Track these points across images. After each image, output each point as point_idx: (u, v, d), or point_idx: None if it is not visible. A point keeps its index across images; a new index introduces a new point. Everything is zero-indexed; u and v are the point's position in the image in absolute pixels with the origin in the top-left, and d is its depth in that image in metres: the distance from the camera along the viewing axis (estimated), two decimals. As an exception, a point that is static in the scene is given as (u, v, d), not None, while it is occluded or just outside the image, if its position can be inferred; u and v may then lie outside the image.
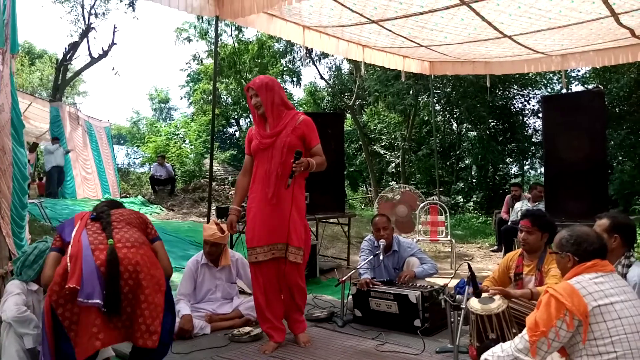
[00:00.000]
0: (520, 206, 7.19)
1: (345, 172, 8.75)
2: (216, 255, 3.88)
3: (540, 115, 14.35)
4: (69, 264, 2.26)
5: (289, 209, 3.22)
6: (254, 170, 3.35)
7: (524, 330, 2.11)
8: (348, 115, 18.35)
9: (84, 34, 14.81)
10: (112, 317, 2.24)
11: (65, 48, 15.03)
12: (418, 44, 6.53)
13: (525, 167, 17.41)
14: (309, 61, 19.02)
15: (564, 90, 11.26)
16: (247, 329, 3.57)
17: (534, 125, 16.33)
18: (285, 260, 3.24)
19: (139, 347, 2.32)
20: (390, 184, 16.00)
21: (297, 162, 3.12)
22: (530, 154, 16.12)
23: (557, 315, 2.01)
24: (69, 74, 16.05)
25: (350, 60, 16.53)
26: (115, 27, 14.77)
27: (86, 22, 14.99)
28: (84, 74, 20.62)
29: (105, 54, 14.66)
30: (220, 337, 3.53)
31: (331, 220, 6.69)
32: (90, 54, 14.82)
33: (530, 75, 14.72)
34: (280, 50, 20.67)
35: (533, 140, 15.92)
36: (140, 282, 2.29)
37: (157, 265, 2.42)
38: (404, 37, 6.24)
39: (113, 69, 22.48)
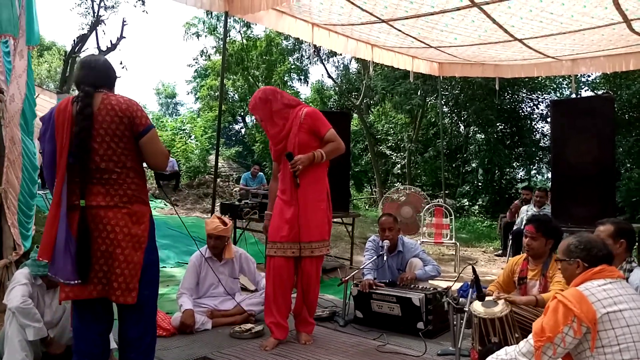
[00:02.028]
0: (526, 210, 7.15)
1: (350, 172, 8.72)
2: (220, 248, 3.89)
3: (548, 119, 14.27)
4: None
5: (308, 208, 3.27)
6: (280, 173, 3.45)
7: (530, 335, 2.09)
8: (355, 115, 18.32)
9: (93, 26, 14.82)
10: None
11: (74, 40, 15.03)
12: (427, 44, 6.50)
13: (532, 172, 17.31)
14: (317, 59, 19.00)
15: (574, 95, 11.19)
16: (249, 325, 3.57)
17: (542, 130, 16.25)
18: (306, 258, 3.30)
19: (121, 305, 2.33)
20: (396, 185, 15.97)
21: (292, 163, 3.20)
22: (537, 158, 16.03)
23: (564, 322, 1.99)
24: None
25: (358, 60, 16.50)
26: (124, 21, 14.77)
27: (95, 15, 15.02)
28: (92, 67, 20.63)
29: (113, 47, 14.64)
30: (222, 333, 3.53)
31: (335, 220, 6.66)
32: (98, 47, 14.81)
33: (539, 79, 14.62)
34: (288, 47, 20.64)
35: (541, 144, 15.83)
36: (119, 243, 2.24)
37: (140, 220, 2.32)
38: (414, 38, 6.21)
39: (121, 63, 22.41)
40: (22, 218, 4.33)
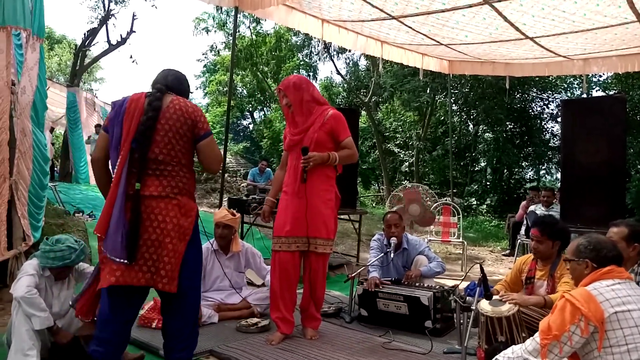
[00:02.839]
0: (534, 210, 7.11)
1: (357, 169, 8.70)
2: (228, 239, 3.90)
3: (559, 119, 14.16)
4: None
5: (311, 204, 3.27)
6: (288, 165, 3.45)
7: (536, 333, 2.09)
8: (363, 112, 18.29)
9: (103, 20, 14.89)
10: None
11: (84, 34, 15.10)
12: (438, 42, 6.47)
13: (542, 172, 17.20)
14: (326, 56, 18.98)
15: (585, 95, 11.08)
16: (255, 320, 3.58)
17: (552, 130, 16.14)
18: (311, 254, 3.31)
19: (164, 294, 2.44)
20: (403, 183, 15.93)
21: (304, 158, 3.21)
22: (546, 158, 15.92)
23: (571, 320, 1.99)
24: (87, 60, 16.18)
25: (367, 56, 16.45)
26: (134, 15, 14.87)
27: (106, 9, 15.08)
28: (101, 61, 20.80)
29: (123, 41, 14.69)
30: (228, 327, 3.55)
31: (342, 217, 6.67)
32: (108, 41, 14.87)
33: (550, 78, 14.52)
34: (298, 43, 20.65)
35: (550, 144, 15.72)
36: (168, 232, 2.37)
37: (188, 214, 2.46)
38: (424, 35, 6.18)
39: (131, 57, 22.55)
40: (32, 209, 4.36)
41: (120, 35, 14.76)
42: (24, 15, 3.98)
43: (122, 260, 2.31)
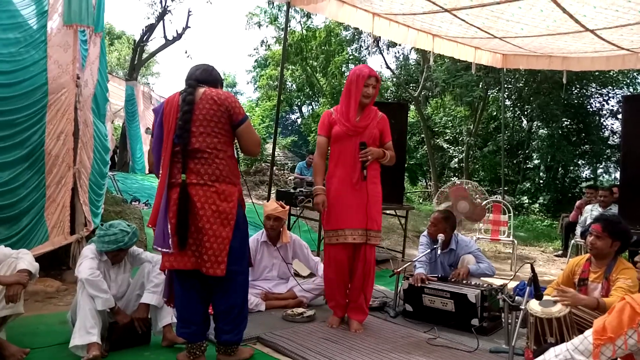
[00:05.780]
0: (590, 210, 6.83)
1: (405, 165, 8.62)
2: (277, 230, 4.00)
3: (619, 116, 13.48)
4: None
5: (370, 195, 3.38)
6: (335, 153, 3.50)
7: (588, 332, 2.02)
8: (412, 107, 18.04)
9: (160, 16, 15.37)
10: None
11: (142, 30, 15.65)
12: (492, 35, 6.30)
13: (599, 171, 16.45)
14: (376, 50, 18.81)
15: (649, 91, 10.50)
16: (301, 309, 3.65)
17: (612, 127, 15.40)
18: (367, 245, 3.41)
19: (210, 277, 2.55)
20: (452, 179, 15.63)
21: (363, 152, 3.33)
22: (605, 156, 15.20)
23: (629, 324, 1.92)
24: (144, 55, 16.76)
25: (418, 50, 16.21)
26: (189, 11, 15.25)
27: (163, 5, 15.55)
28: (157, 56, 21.46)
29: (179, 36, 15.13)
30: (274, 316, 3.64)
31: (388, 212, 6.64)
32: (165, 37, 15.35)
33: (611, 73, 13.81)
34: (347, 38, 20.57)
35: (609, 142, 15.00)
36: (207, 218, 2.48)
37: (229, 198, 2.54)
38: (478, 28, 6.03)
39: (185, 52, 23.30)
40: (92, 196, 4.60)
41: (176, 31, 15.20)
42: (88, 13, 4.20)
43: (167, 250, 2.47)
